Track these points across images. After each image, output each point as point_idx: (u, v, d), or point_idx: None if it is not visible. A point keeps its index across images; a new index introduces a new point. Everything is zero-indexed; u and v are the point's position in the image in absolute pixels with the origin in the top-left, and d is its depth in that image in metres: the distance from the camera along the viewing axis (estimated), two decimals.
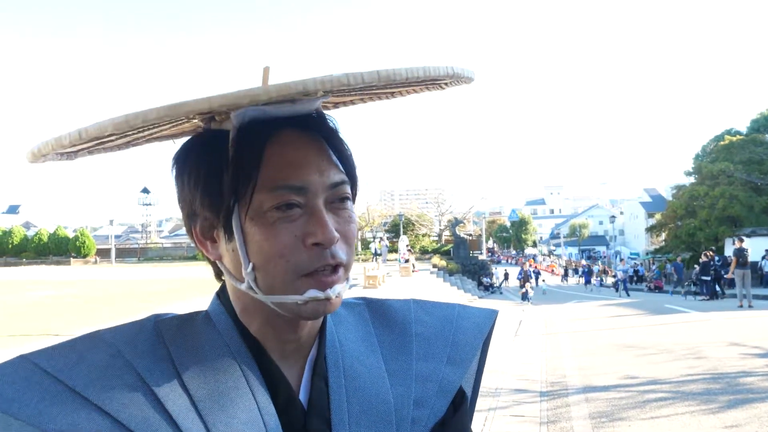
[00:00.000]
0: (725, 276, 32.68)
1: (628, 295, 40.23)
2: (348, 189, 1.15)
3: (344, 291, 1.13)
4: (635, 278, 56.63)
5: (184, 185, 1.15)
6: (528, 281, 43.46)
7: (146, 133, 1.19)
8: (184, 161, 1.15)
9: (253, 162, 1.07)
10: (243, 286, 1.11)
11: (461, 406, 1.28)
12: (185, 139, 1.21)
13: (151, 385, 1.03)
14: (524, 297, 38.86)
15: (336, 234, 1.09)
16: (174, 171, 1.17)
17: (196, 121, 1.18)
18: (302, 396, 1.16)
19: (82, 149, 1.19)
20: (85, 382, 1.01)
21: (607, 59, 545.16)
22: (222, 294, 1.22)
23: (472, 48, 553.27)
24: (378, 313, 1.37)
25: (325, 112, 1.19)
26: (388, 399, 1.19)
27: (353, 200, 1.19)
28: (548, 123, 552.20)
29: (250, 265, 1.08)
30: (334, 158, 1.14)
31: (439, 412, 1.23)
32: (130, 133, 1.14)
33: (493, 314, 1.43)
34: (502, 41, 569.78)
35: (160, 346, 1.11)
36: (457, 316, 1.39)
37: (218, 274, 1.23)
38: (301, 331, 1.17)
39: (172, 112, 0.94)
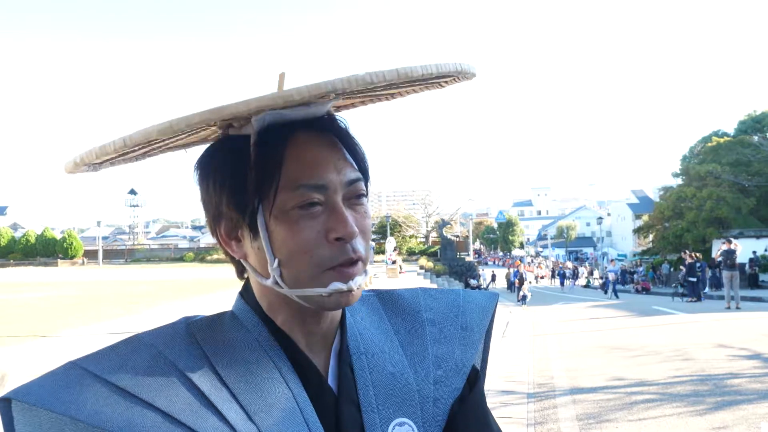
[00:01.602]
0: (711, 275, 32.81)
1: (617, 296, 39.82)
2: (363, 186, 1.21)
3: (363, 282, 1.18)
4: (631, 279, 56.24)
5: (208, 188, 1.19)
6: (523, 282, 43.38)
7: (166, 141, 1.24)
8: (207, 166, 1.20)
9: (275, 163, 1.12)
10: (269, 282, 1.16)
11: (476, 383, 1.36)
12: (196, 148, 1.30)
13: (193, 381, 1.09)
14: (523, 299, 38.29)
15: (356, 229, 1.14)
16: (197, 176, 1.22)
17: (214, 128, 1.23)
18: (330, 382, 1.21)
19: (107, 160, 1.24)
20: (133, 382, 1.05)
21: (595, 61, 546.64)
22: (245, 293, 1.27)
23: (461, 49, 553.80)
24: (389, 302, 1.43)
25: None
26: (410, 381, 1.26)
27: (367, 196, 1.24)
28: (536, 124, 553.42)
29: (276, 261, 1.13)
30: (348, 156, 1.20)
31: (456, 390, 1.30)
32: (155, 143, 1.21)
33: (494, 297, 1.52)
34: (490, 42, 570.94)
35: (194, 346, 1.15)
36: (462, 301, 1.46)
37: (240, 272, 1.28)
38: (324, 322, 1.23)
39: (215, 115, 1.00)
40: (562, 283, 63.93)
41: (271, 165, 1.12)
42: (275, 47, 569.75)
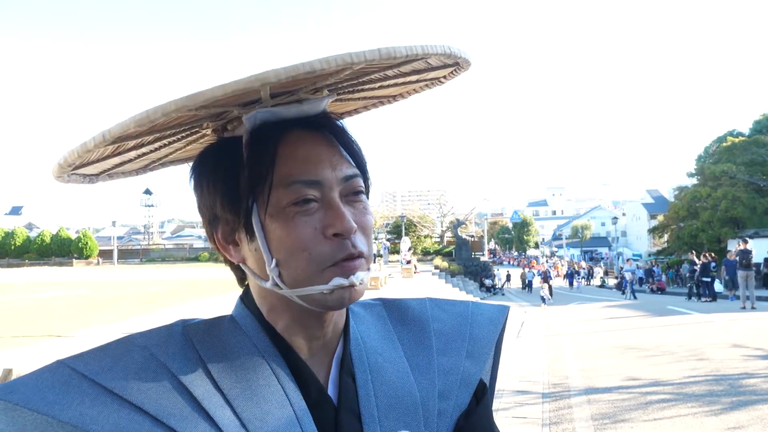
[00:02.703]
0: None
1: (635, 297, 39.47)
2: (361, 182, 1.18)
3: (367, 279, 1.15)
4: (651, 279, 55.59)
5: (203, 192, 1.18)
6: (548, 282, 43.15)
7: (164, 151, 1.26)
8: (201, 169, 1.19)
9: (268, 160, 1.10)
10: (268, 284, 1.14)
11: (483, 397, 1.31)
12: None
13: (186, 385, 1.06)
14: (543, 299, 37.88)
15: (354, 224, 1.11)
16: (192, 180, 1.21)
17: (209, 133, 1.23)
18: (331, 392, 1.18)
19: (103, 171, 1.26)
20: (122, 384, 1.03)
21: (610, 60, 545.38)
22: (246, 297, 1.24)
23: (475, 48, 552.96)
24: (396, 312, 1.40)
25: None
26: (413, 392, 1.22)
27: (366, 194, 1.21)
28: (551, 124, 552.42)
29: (274, 261, 1.11)
30: (345, 154, 1.18)
31: (462, 404, 1.26)
32: (147, 151, 1.22)
33: (505, 310, 1.47)
34: (505, 41, 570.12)
35: (189, 349, 1.13)
36: (471, 313, 1.42)
37: (241, 279, 1.27)
38: (327, 327, 1.20)
39: (190, 102, 0.96)
40: (571, 283, 64.00)
41: (263, 162, 1.11)
42: (275, 49, 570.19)
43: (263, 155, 1.11)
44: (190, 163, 1.28)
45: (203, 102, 0.97)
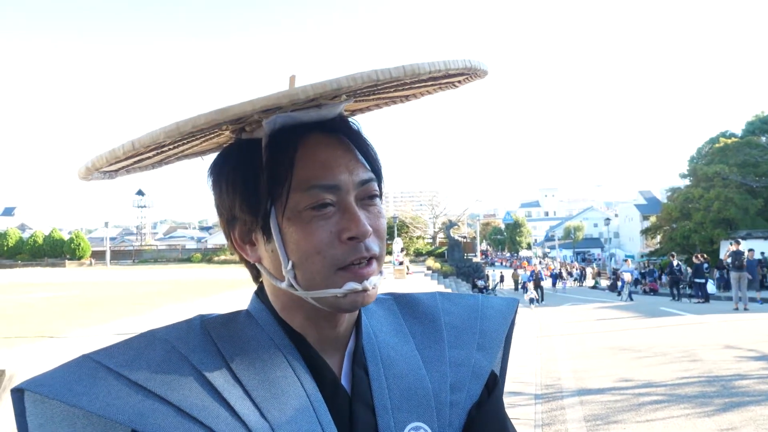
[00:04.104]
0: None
1: (632, 299, 38.64)
2: (376, 186, 1.21)
3: (379, 282, 1.18)
4: (645, 281, 55.32)
5: (222, 192, 1.21)
6: (539, 284, 43.03)
7: (181, 148, 1.26)
8: (220, 170, 1.22)
9: (287, 164, 1.13)
10: (283, 285, 1.17)
11: (494, 389, 1.34)
12: (213, 155, 1.28)
13: (207, 377, 1.09)
14: (531, 300, 37.68)
15: (369, 228, 1.14)
16: (210, 180, 1.24)
17: (227, 133, 1.24)
18: (344, 384, 1.21)
19: (122, 168, 1.28)
20: (146, 376, 1.06)
21: (602, 61, 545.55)
22: (260, 294, 1.28)
23: (467, 50, 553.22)
24: (406, 306, 1.43)
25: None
26: (426, 384, 1.25)
27: (380, 197, 1.24)
28: (543, 125, 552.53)
29: (290, 263, 1.14)
30: (361, 158, 1.21)
31: (474, 396, 1.29)
32: (166, 149, 1.23)
33: (514, 303, 1.50)
34: (498, 43, 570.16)
35: (209, 343, 1.16)
36: (481, 306, 1.45)
37: (255, 277, 1.30)
38: (339, 326, 1.23)
39: (220, 116, 0.99)
40: (554, 284, 64.55)
41: (282, 166, 1.12)
42: (275, 49, 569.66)
43: (283, 159, 1.13)
44: (202, 157, 1.36)
45: (232, 116, 1.00)
